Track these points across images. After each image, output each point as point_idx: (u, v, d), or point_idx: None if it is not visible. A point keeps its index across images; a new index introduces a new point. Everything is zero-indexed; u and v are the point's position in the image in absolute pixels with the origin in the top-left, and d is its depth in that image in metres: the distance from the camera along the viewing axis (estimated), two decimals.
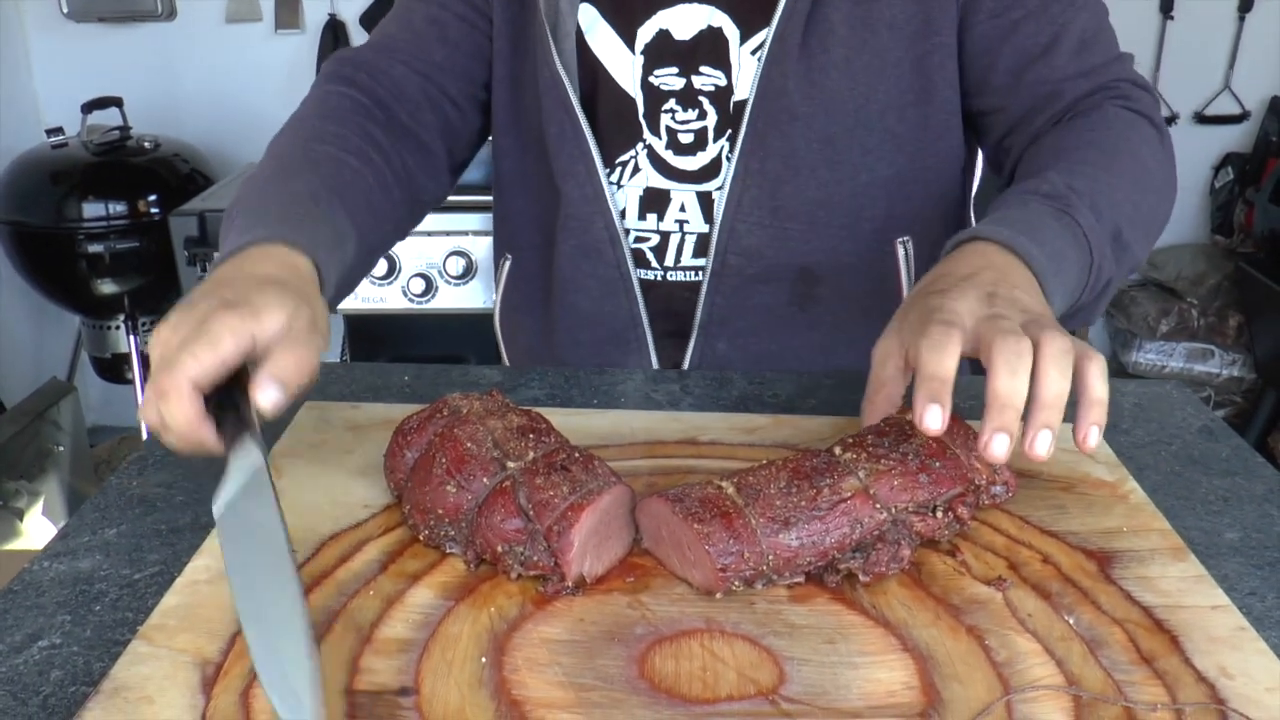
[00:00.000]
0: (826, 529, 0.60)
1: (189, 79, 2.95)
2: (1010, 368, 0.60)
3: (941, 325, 0.62)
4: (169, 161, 2.62)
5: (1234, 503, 0.74)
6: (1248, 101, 2.98)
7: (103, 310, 2.63)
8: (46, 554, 0.68)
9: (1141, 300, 2.93)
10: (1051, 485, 0.73)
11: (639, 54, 0.97)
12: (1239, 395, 2.88)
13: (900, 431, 0.66)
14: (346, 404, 0.83)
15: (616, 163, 1.00)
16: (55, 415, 2.48)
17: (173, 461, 0.78)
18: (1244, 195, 2.91)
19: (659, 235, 1.01)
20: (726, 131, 0.97)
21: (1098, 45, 0.93)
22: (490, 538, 0.61)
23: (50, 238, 2.48)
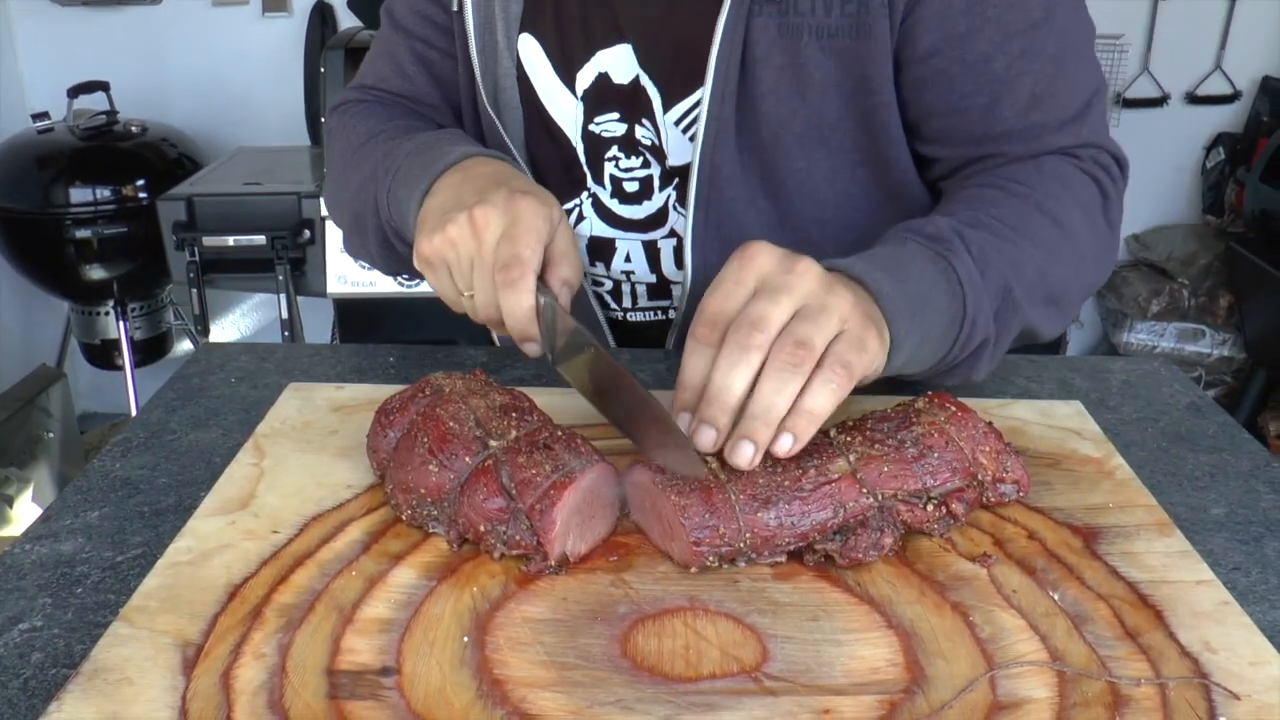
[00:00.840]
0: (807, 510, 0.60)
1: (176, 63, 2.94)
2: (730, 361, 0.60)
3: (699, 325, 0.63)
4: (156, 146, 2.61)
5: (1220, 479, 0.74)
6: (1239, 81, 2.98)
7: (91, 296, 2.62)
8: (28, 537, 0.67)
9: (1133, 280, 2.93)
10: (1037, 461, 0.73)
11: (579, 99, 0.93)
12: (1229, 375, 2.89)
13: (905, 418, 0.65)
14: (331, 385, 0.83)
15: (564, 209, 0.96)
16: (45, 402, 2.47)
17: (156, 444, 0.78)
18: (1235, 175, 2.91)
19: (611, 281, 1.00)
20: (674, 181, 0.93)
21: (1051, 101, 0.84)
22: (473, 517, 0.61)
23: (37, 223, 2.47)
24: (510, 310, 0.70)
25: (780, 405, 0.60)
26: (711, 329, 0.62)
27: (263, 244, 2.24)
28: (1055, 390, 0.87)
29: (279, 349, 0.92)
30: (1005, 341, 0.78)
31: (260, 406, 0.82)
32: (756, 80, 0.84)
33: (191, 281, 2.28)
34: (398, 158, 0.85)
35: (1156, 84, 2.98)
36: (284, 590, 0.59)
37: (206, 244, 2.26)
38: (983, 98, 0.83)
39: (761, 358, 0.60)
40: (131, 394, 2.67)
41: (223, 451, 0.76)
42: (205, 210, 2.29)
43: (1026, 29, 0.81)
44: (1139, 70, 2.97)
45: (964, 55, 0.82)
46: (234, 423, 0.81)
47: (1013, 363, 0.90)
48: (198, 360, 0.91)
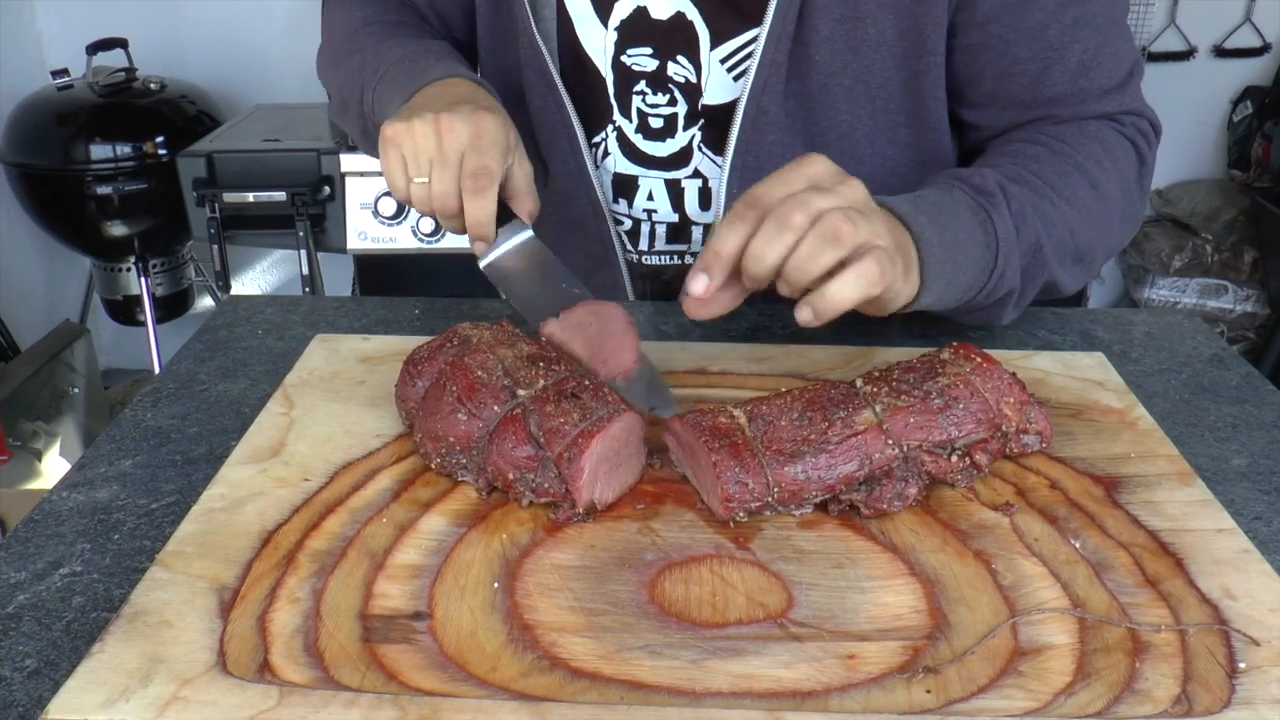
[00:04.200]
0: (834, 462, 0.60)
1: (194, 19, 2.92)
2: (769, 234, 0.63)
3: (741, 205, 0.65)
4: (175, 103, 2.60)
5: (1242, 429, 0.75)
6: (1268, 34, 2.92)
7: (113, 252, 2.63)
8: (65, 484, 0.69)
9: (1155, 236, 2.90)
10: (1060, 411, 0.73)
11: (612, 30, 0.93)
12: (1252, 331, 2.86)
13: (931, 369, 0.65)
14: (357, 336, 0.84)
15: (593, 142, 0.98)
16: (69, 357, 2.50)
17: (186, 394, 0.79)
18: (1263, 129, 2.87)
19: (630, 220, 1.00)
20: (698, 122, 0.94)
21: (1098, 69, 0.86)
22: (501, 465, 0.62)
23: (58, 179, 2.47)
24: (475, 213, 0.77)
25: (811, 272, 0.63)
26: (752, 208, 0.64)
27: (283, 200, 2.24)
28: (1078, 342, 0.87)
29: (304, 301, 0.93)
30: (1030, 293, 0.81)
31: (287, 358, 0.83)
32: (813, 29, 0.85)
33: (212, 238, 2.29)
34: (385, 62, 0.91)
35: (1183, 37, 2.93)
36: (316, 536, 0.60)
37: (227, 200, 2.26)
38: (1035, 64, 0.85)
39: (799, 238, 0.63)
40: (154, 349, 2.69)
41: (251, 402, 0.77)
42: (225, 167, 2.29)
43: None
44: (1165, 23, 2.92)
45: (1020, 22, 0.84)
46: (261, 373, 0.82)
47: (1035, 315, 0.90)
48: (224, 312, 0.91)
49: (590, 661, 0.51)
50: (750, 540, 0.60)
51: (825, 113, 0.89)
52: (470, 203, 0.77)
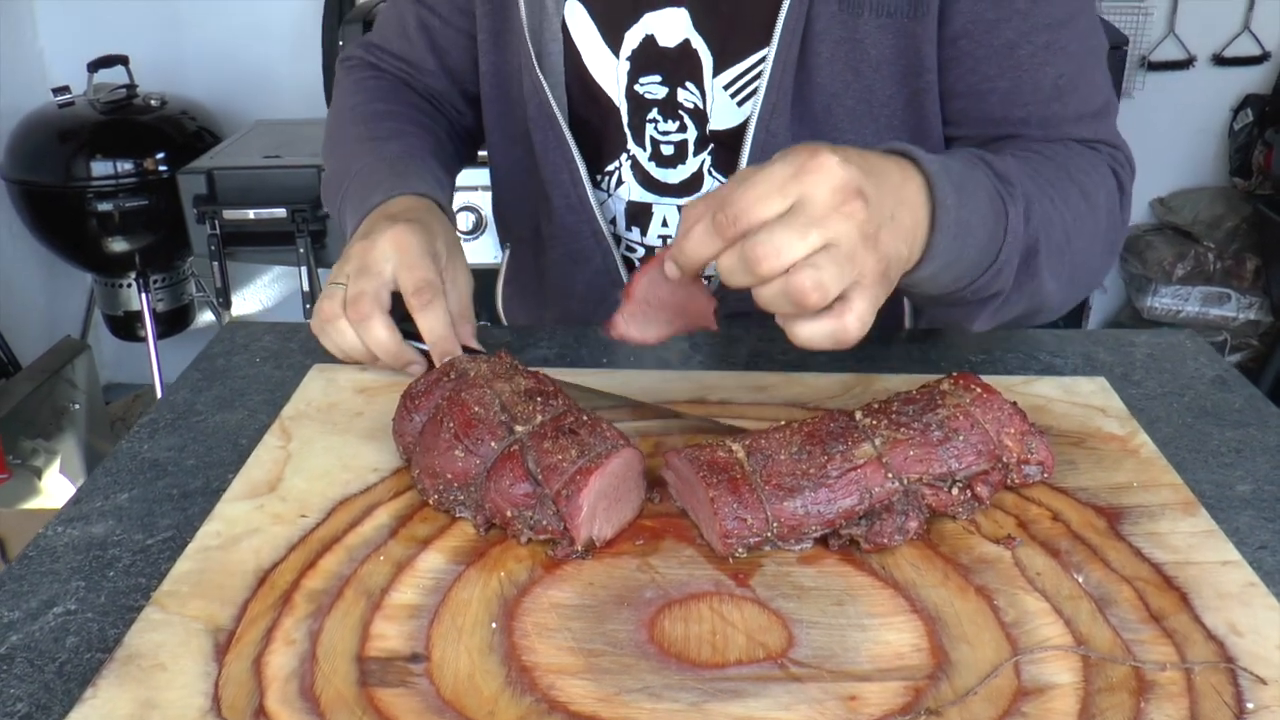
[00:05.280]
0: (834, 497, 0.60)
1: (195, 36, 2.92)
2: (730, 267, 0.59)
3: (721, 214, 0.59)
4: (176, 119, 2.61)
5: (1246, 454, 0.74)
6: (1268, 42, 2.92)
7: (114, 268, 2.63)
8: (60, 519, 0.68)
9: (1157, 244, 2.90)
10: (1061, 440, 0.73)
11: (624, 60, 0.93)
12: (1255, 339, 2.86)
13: (930, 400, 0.65)
14: (355, 366, 0.83)
15: (605, 171, 0.99)
16: (70, 374, 2.50)
17: (183, 425, 0.78)
18: (1263, 137, 2.87)
19: (644, 249, 1.00)
20: (708, 147, 0.94)
21: (1072, 94, 0.86)
22: (499, 502, 0.62)
23: (60, 196, 2.48)
24: (432, 327, 0.77)
25: (776, 312, 0.60)
26: (730, 224, 0.59)
27: (283, 217, 2.24)
28: (1079, 365, 0.86)
29: (302, 329, 0.93)
30: (1014, 303, 0.78)
31: (285, 387, 0.83)
32: (815, 52, 0.86)
33: (213, 255, 2.29)
34: (347, 179, 0.94)
35: (1182, 46, 2.93)
36: (313, 576, 0.60)
37: (227, 217, 2.26)
38: (1004, 82, 0.85)
39: (761, 282, 0.58)
40: (155, 365, 2.69)
41: (249, 433, 0.77)
42: (225, 183, 2.29)
43: (1053, 24, 0.84)
44: (1165, 32, 2.92)
45: (991, 40, 0.84)
46: (259, 403, 0.81)
47: (1036, 337, 0.90)
48: (222, 340, 0.91)
49: (589, 704, 0.51)
50: (750, 576, 0.60)
51: (830, 134, 0.89)
52: (422, 319, 0.77)
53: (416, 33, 1.04)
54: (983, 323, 0.80)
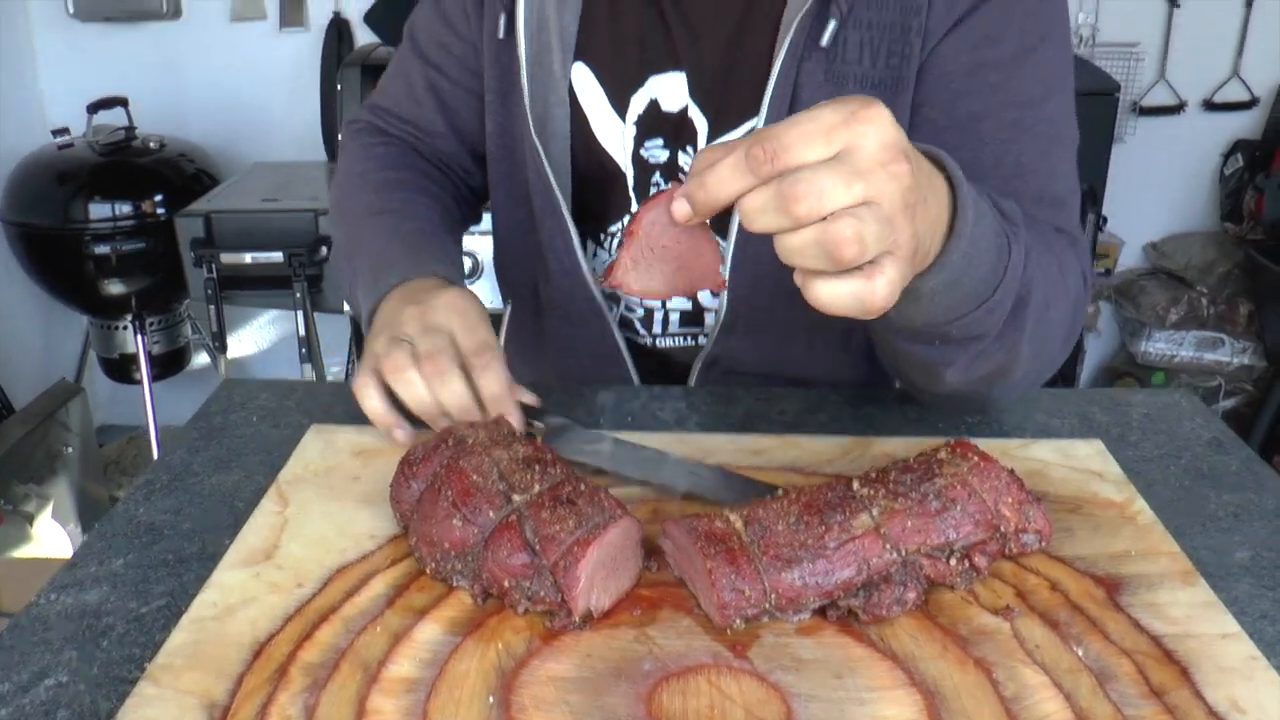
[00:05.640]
0: (832, 568, 0.60)
1: (194, 78, 2.95)
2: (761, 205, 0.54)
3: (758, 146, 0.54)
4: (174, 161, 2.62)
5: (1244, 519, 0.74)
6: (1257, 88, 2.95)
7: (110, 310, 2.63)
8: (54, 585, 0.68)
9: (1151, 289, 2.91)
10: (1058, 506, 0.73)
11: (630, 125, 0.94)
12: (1250, 384, 2.87)
13: (928, 469, 0.65)
14: (353, 428, 0.83)
15: (609, 231, 0.99)
16: (64, 417, 2.49)
17: (179, 487, 0.78)
18: (1254, 182, 2.89)
19: (643, 309, 1.01)
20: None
21: (1033, 176, 0.84)
22: (497, 572, 0.61)
23: (57, 238, 2.49)
24: (489, 387, 0.77)
25: (797, 264, 0.55)
26: (768, 159, 0.53)
27: (280, 261, 2.25)
28: (1075, 426, 0.86)
29: (299, 387, 0.93)
30: (990, 354, 0.75)
31: (282, 447, 0.82)
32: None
33: (209, 298, 2.29)
34: (359, 252, 0.93)
35: (1173, 91, 2.96)
36: (309, 648, 0.59)
37: (224, 261, 2.27)
38: (966, 153, 0.81)
39: (795, 225, 0.53)
40: (149, 408, 2.69)
41: (246, 495, 0.77)
42: (223, 227, 2.30)
43: (1022, 103, 0.84)
44: (1155, 78, 2.95)
45: (955, 109, 0.84)
46: (256, 464, 0.81)
47: (1032, 397, 0.90)
48: (219, 399, 0.91)
49: None
50: (748, 648, 0.59)
51: None
52: (483, 379, 0.77)
53: (425, 94, 1.04)
54: (956, 371, 0.76)
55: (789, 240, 0.54)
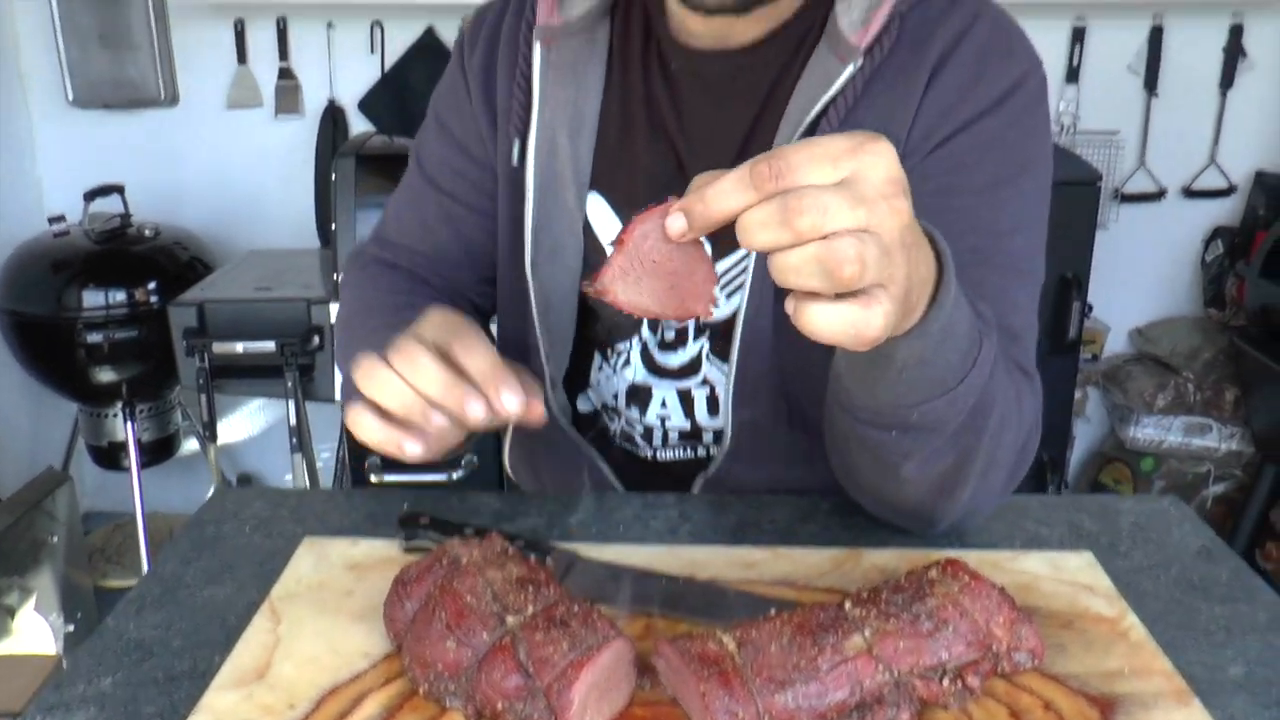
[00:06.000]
0: (825, 690, 0.60)
1: (190, 164, 2.99)
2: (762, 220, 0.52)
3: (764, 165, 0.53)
4: (169, 249, 2.64)
5: (1236, 633, 0.74)
6: (1234, 176, 3.02)
7: (100, 398, 2.63)
8: (40, 706, 0.67)
9: (1137, 375, 2.94)
10: (1050, 621, 0.73)
11: None
12: (1239, 469, 2.87)
13: (919, 589, 0.65)
14: (345, 540, 0.83)
15: (616, 350, 1.00)
16: (50, 505, 2.47)
17: (170, 601, 0.78)
18: (1235, 269, 2.94)
19: (643, 426, 1.02)
20: (705, 333, 0.96)
21: (990, 304, 0.77)
22: (490, 694, 0.61)
23: (50, 327, 2.49)
24: (478, 365, 0.70)
25: (792, 284, 0.53)
26: (773, 176, 0.53)
27: (272, 350, 2.26)
28: (1065, 534, 0.87)
29: (293, 495, 0.93)
30: (940, 456, 0.74)
31: (275, 559, 0.82)
32: None
33: (200, 387, 2.30)
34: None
35: (1153, 179, 3.02)
36: None
37: (216, 350, 2.28)
38: None
39: (796, 241, 0.52)
40: (137, 495, 2.67)
41: (238, 609, 0.77)
42: (215, 316, 2.31)
43: (986, 232, 0.83)
44: (1136, 165, 3.01)
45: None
46: (248, 576, 0.81)
47: (1022, 504, 0.91)
48: (212, 508, 0.91)
49: None
50: None
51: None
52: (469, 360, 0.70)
53: (439, 224, 1.03)
54: (913, 467, 0.74)
55: (787, 257, 0.52)
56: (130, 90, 2.87)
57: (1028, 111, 0.85)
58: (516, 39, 0.95)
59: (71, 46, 2.82)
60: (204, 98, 2.93)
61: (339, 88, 2.91)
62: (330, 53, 2.88)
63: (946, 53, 0.85)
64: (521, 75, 0.94)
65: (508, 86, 0.95)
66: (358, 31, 2.85)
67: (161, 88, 2.87)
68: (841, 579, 0.78)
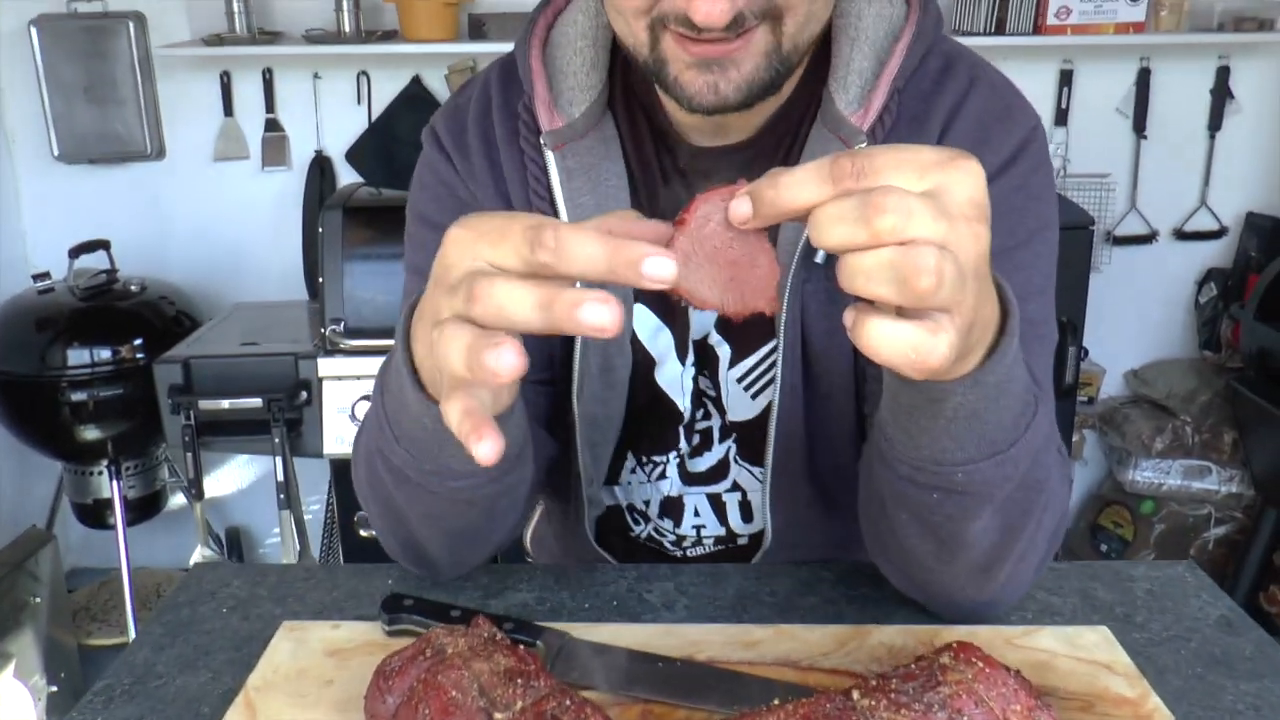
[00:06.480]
0: None
1: (177, 218, 2.97)
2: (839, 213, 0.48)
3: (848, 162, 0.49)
4: (155, 304, 2.61)
5: (1266, 712, 0.71)
6: (1225, 217, 3.02)
7: (85, 456, 2.58)
8: None
9: (1134, 417, 2.91)
10: (1069, 704, 0.69)
11: (689, 365, 0.91)
12: (1239, 512, 2.84)
13: (930, 677, 0.62)
14: (327, 623, 0.79)
15: (653, 460, 0.96)
16: (33, 566, 2.41)
17: (142, 691, 0.74)
18: (1229, 311, 2.92)
19: (675, 536, 0.99)
20: (731, 435, 0.93)
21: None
22: None
23: (33, 386, 2.45)
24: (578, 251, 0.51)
25: (859, 290, 0.49)
26: (854, 173, 0.49)
27: (259, 406, 2.23)
28: (1078, 605, 0.83)
29: (272, 572, 0.89)
30: (985, 531, 0.70)
31: (252, 643, 0.78)
32: (811, 344, 0.86)
33: (186, 446, 2.25)
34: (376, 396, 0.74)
35: (1145, 221, 3.02)
36: None
37: (202, 407, 2.24)
38: None
39: (870, 244, 0.48)
40: (123, 552, 2.62)
41: (212, 699, 0.73)
42: (201, 373, 2.28)
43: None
44: (1127, 208, 3.01)
45: None
46: (224, 663, 0.77)
47: None
48: (188, 587, 0.87)
49: None
50: None
51: (834, 412, 0.88)
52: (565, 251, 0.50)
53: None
54: (952, 539, 0.69)
55: (861, 259, 0.48)
56: (116, 144, 2.86)
57: (1034, 172, 0.84)
58: (517, 143, 0.88)
59: (56, 100, 2.80)
60: (190, 150, 2.92)
61: (326, 139, 2.90)
62: (317, 104, 2.87)
63: (946, 126, 0.83)
64: (539, 183, 0.87)
65: (523, 195, 0.88)
66: (344, 82, 2.85)
67: (148, 141, 2.85)
68: (847, 658, 0.74)
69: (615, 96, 0.89)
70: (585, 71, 0.87)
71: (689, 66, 0.75)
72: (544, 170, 0.87)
